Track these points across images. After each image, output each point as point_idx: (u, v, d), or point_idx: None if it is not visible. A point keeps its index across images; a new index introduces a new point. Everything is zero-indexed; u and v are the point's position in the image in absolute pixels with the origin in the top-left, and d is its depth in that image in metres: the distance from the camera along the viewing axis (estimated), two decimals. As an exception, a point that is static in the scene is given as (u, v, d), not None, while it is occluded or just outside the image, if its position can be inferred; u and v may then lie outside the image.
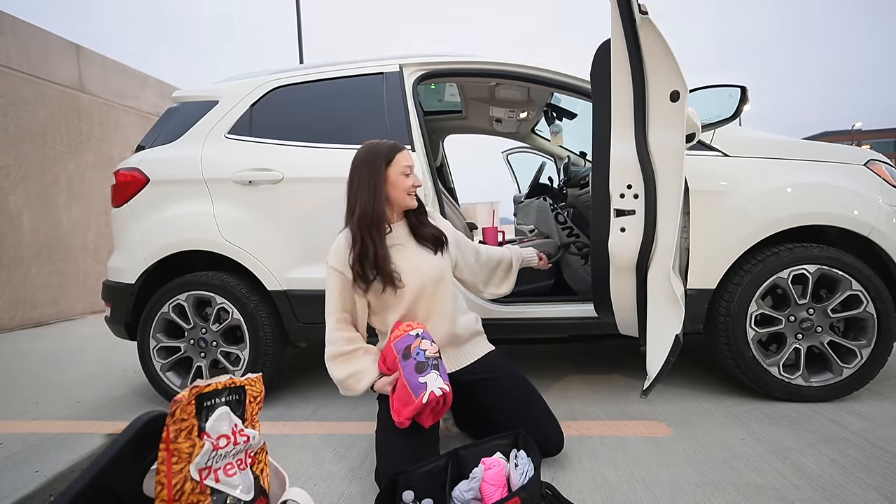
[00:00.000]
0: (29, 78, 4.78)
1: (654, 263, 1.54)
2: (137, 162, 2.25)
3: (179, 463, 0.98)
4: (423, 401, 1.28)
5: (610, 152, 1.55)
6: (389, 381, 1.44)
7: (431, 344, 1.42)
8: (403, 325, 1.50)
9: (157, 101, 6.46)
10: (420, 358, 1.36)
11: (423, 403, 1.29)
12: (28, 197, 4.74)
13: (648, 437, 1.69)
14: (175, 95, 2.42)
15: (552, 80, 2.18)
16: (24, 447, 1.83)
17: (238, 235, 2.11)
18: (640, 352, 1.64)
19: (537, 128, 3.56)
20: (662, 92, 1.46)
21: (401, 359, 1.39)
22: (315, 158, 2.13)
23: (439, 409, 1.36)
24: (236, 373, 2.11)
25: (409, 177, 1.58)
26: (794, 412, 1.84)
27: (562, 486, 1.38)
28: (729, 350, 1.94)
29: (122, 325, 2.24)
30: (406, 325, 1.49)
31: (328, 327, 1.56)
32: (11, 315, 4.55)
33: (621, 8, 1.42)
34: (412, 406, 1.30)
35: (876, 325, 1.86)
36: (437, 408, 1.35)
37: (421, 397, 1.29)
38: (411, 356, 1.38)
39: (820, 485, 1.34)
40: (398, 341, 1.44)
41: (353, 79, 2.24)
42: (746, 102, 1.89)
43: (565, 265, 2.62)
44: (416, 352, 1.38)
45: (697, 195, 1.88)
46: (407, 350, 1.39)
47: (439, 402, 1.33)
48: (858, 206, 1.89)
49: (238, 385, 1.10)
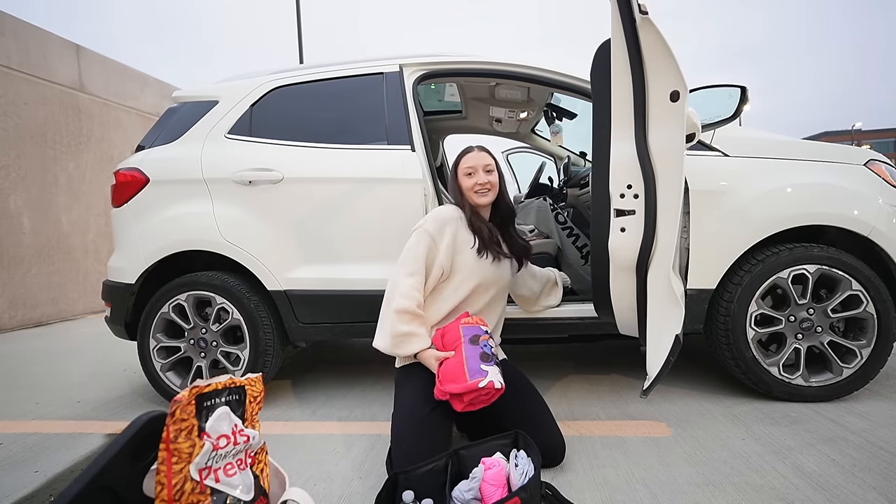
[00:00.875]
0: (29, 78, 4.78)
1: (654, 263, 1.54)
2: (137, 162, 2.25)
3: (179, 463, 0.98)
4: (478, 385, 1.35)
5: (610, 152, 1.54)
6: (438, 357, 1.49)
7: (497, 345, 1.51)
8: (474, 317, 1.59)
9: (157, 101, 6.46)
10: (487, 350, 1.45)
11: (478, 387, 1.36)
12: (28, 197, 4.74)
13: (648, 437, 1.69)
14: (175, 95, 2.42)
15: (552, 80, 2.18)
16: (24, 447, 1.83)
17: (238, 235, 2.11)
18: (640, 352, 1.63)
19: (537, 128, 3.56)
20: (662, 92, 1.46)
21: (466, 342, 1.47)
22: (315, 158, 2.13)
23: (481, 400, 1.41)
24: (236, 373, 2.11)
25: (469, 177, 1.71)
26: (794, 412, 1.84)
27: (562, 486, 1.38)
28: (729, 350, 1.94)
29: (122, 325, 2.24)
30: (477, 318, 1.59)
31: (406, 283, 1.59)
32: (11, 315, 4.55)
33: (621, 8, 1.42)
34: (464, 385, 1.36)
35: (876, 325, 1.86)
36: (482, 398, 1.40)
37: (477, 381, 1.36)
38: (479, 345, 1.46)
39: (820, 485, 1.34)
40: (467, 327, 1.52)
41: (353, 79, 2.24)
42: (746, 102, 1.89)
43: (565, 265, 2.62)
44: (485, 344, 1.47)
45: (697, 195, 1.88)
46: (475, 338, 1.48)
47: (490, 394, 1.39)
48: (858, 206, 1.89)
49: (238, 385, 1.10)
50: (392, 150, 2.10)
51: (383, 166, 2.08)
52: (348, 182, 2.09)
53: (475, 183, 1.69)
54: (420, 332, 1.55)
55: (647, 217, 1.51)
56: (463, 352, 1.45)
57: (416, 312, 1.56)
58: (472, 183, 1.69)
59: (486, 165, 1.71)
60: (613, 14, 1.45)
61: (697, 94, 1.99)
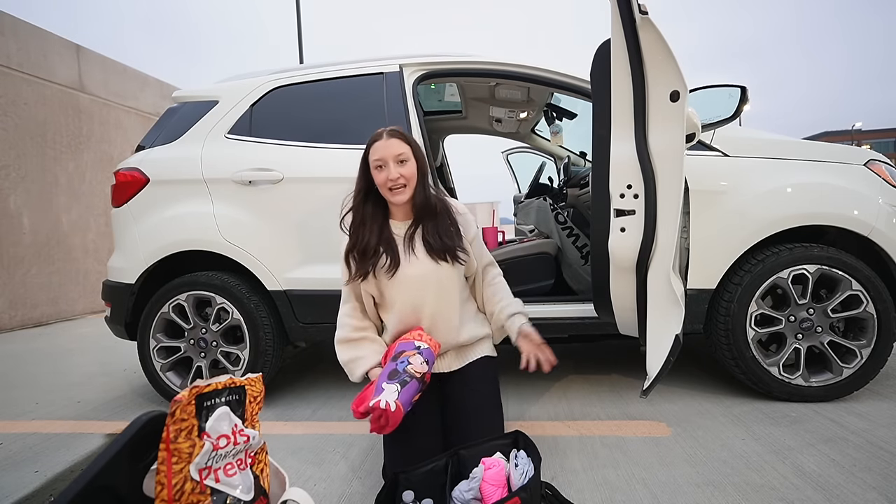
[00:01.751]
0: (29, 78, 4.78)
1: (654, 263, 1.54)
2: (137, 162, 2.25)
3: (179, 463, 0.98)
4: (368, 404, 1.25)
5: (610, 152, 1.54)
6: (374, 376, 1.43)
7: (422, 364, 1.36)
8: (419, 331, 1.48)
9: (157, 101, 6.46)
10: (399, 368, 1.34)
11: (368, 406, 1.24)
12: (28, 197, 4.74)
13: (648, 437, 1.69)
14: (175, 95, 2.42)
15: (552, 80, 2.18)
16: (24, 447, 1.83)
17: (238, 235, 2.11)
18: (640, 352, 1.63)
19: (537, 128, 3.56)
20: (662, 92, 1.46)
21: (390, 359, 1.40)
22: (315, 158, 2.13)
23: (383, 424, 1.25)
24: (236, 373, 2.11)
25: (380, 170, 1.45)
26: (794, 412, 1.84)
27: (562, 486, 1.38)
28: (729, 350, 1.94)
29: (122, 325, 2.24)
30: (419, 333, 1.47)
31: (340, 312, 1.56)
32: (11, 315, 4.55)
33: (621, 8, 1.42)
34: (363, 405, 1.27)
35: (876, 325, 1.86)
36: (381, 421, 1.25)
37: (368, 400, 1.26)
38: (396, 361, 1.36)
39: (820, 485, 1.34)
40: (402, 343, 1.44)
41: (353, 79, 2.24)
42: (746, 102, 1.89)
43: (565, 265, 2.62)
44: (402, 360, 1.36)
45: (697, 195, 1.88)
46: (399, 354, 1.39)
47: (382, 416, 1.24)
48: (858, 206, 1.89)
49: (238, 385, 1.10)
50: (392, 150, 2.10)
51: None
52: (348, 182, 2.05)
53: (387, 178, 1.44)
54: (362, 354, 1.49)
55: (647, 217, 1.51)
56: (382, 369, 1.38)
57: (351, 338, 1.52)
58: (384, 178, 1.44)
59: (398, 155, 1.44)
60: (613, 14, 1.45)
61: (697, 94, 1.99)
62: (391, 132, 1.48)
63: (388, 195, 1.47)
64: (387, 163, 1.44)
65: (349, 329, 1.53)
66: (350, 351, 1.51)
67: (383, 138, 1.46)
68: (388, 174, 1.44)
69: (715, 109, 1.91)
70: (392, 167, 1.44)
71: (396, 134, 1.48)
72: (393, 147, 1.45)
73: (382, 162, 1.44)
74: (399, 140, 1.47)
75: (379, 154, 1.45)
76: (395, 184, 1.44)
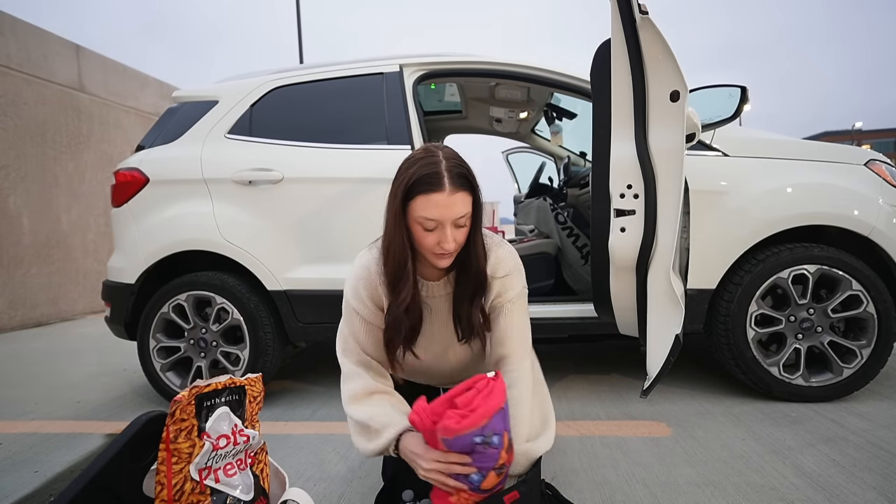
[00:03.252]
0: (29, 78, 4.78)
1: (654, 263, 1.54)
2: (137, 162, 2.25)
3: (179, 463, 0.98)
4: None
5: (610, 152, 1.55)
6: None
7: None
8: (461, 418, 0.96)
9: (157, 101, 6.46)
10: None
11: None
12: (28, 197, 4.73)
13: (648, 437, 1.69)
14: (175, 95, 2.42)
15: (552, 80, 2.18)
16: (24, 447, 1.83)
17: (238, 235, 2.11)
18: (640, 352, 1.63)
19: (537, 128, 3.56)
20: (662, 92, 1.46)
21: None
22: (315, 158, 2.13)
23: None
24: (236, 373, 2.11)
25: (429, 233, 1.05)
26: (794, 412, 1.84)
27: (562, 486, 1.37)
28: (729, 350, 1.94)
29: (122, 325, 2.24)
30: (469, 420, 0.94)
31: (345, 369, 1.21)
32: (11, 315, 4.55)
33: (621, 8, 1.42)
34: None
35: (876, 325, 1.86)
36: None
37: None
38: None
39: (820, 485, 1.34)
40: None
41: (353, 79, 2.24)
42: (746, 102, 1.89)
43: (565, 265, 2.63)
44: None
45: (697, 195, 1.88)
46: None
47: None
48: (859, 206, 1.89)
49: (238, 385, 1.10)
50: (392, 150, 2.10)
51: (383, 166, 2.07)
52: (348, 182, 2.08)
53: (436, 243, 1.06)
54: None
55: (647, 217, 1.51)
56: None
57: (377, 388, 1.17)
58: (433, 242, 1.06)
59: (461, 218, 1.04)
60: (613, 14, 1.45)
61: (697, 94, 1.99)
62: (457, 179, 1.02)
63: (430, 258, 1.10)
64: (443, 225, 1.04)
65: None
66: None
67: (446, 190, 1.01)
68: (440, 239, 1.05)
69: (715, 109, 1.91)
70: (448, 232, 1.04)
71: (464, 183, 1.04)
72: (457, 207, 1.02)
73: (438, 223, 1.04)
74: (465, 193, 1.04)
75: (436, 213, 1.02)
76: (445, 251, 1.07)
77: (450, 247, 1.05)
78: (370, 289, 1.16)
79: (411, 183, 1.03)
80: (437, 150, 1.06)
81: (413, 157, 1.08)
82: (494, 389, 0.96)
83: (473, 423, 0.92)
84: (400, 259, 1.09)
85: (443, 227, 1.04)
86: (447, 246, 1.05)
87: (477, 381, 0.99)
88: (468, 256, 1.14)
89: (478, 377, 1.00)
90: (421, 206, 1.03)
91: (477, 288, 1.16)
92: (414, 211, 1.04)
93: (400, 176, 1.06)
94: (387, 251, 1.11)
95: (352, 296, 1.18)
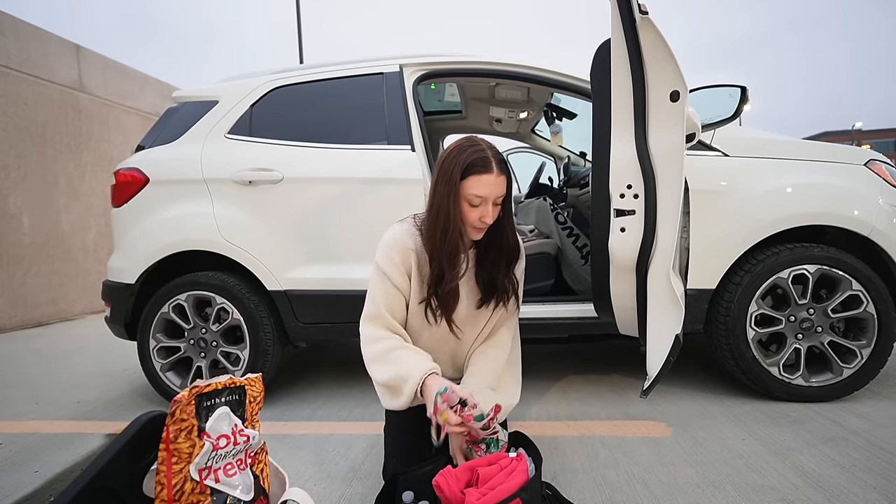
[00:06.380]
0: (29, 78, 4.78)
1: (654, 263, 1.54)
2: (137, 162, 2.25)
3: (179, 463, 0.98)
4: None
5: (610, 152, 1.54)
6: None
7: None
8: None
9: (157, 101, 6.46)
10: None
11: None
12: (28, 197, 4.73)
13: (648, 437, 1.69)
14: (175, 95, 2.42)
15: (552, 80, 2.18)
16: (24, 447, 1.83)
17: (238, 235, 2.11)
18: (640, 352, 1.63)
19: (537, 128, 3.56)
20: (662, 92, 1.46)
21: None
22: (315, 158, 2.13)
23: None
24: (236, 373, 2.11)
25: (475, 209, 1.24)
26: (794, 412, 1.84)
27: (562, 486, 1.38)
28: (729, 350, 1.94)
29: (122, 325, 2.24)
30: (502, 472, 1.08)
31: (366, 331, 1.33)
32: (11, 315, 4.55)
33: (621, 8, 1.42)
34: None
35: (876, 325, 1.86)
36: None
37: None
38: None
39: (820, 485, 1.34)
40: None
41: (353, 79, 2.24)
42: (746, 102, 1.89)
43: (565, 265, 2.63)
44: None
45: (697, 195, 1.88)
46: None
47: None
48: (859, 206, 1.89)
49: (238, 385, 1.10)
50: (392, 150, 2.10)
51: (383, 166, 2.08)
52: (348, 182, 2.08)
53: (479, 218, 1.25)
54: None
55: (647, 217, 1.51)
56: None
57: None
58: (477, 217, 1.25)
59: (499, 197, 1.25)
60: (613, 14, 1.45)
61: (697, 94, 1.99)
62: (500, 164, 1.24)
63: (469, 231, 1.28)
64: (487, 202, 1.23)
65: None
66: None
67: (494, 172, 1.22)
68: (482, 214, 1.24)
69: (715, 109, 1.91)
70: (490, 208, 1.24)
71: (504, 168, 1.25)
72: (500, 187, 1.24)
73: (483, 200, 1.23)
74: (505, 177, 1.25)
75: (485, 191, 1.22)
76: (485, 225, 1.26)
77: (489, 221, 1.25)
78: (403, 255, 1.28)
79: (466, 165, 1.21)
80: (480, 140, 1.27)
81: (462, 145, 1.25)
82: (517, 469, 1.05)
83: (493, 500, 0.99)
84: (453, 233, 1.24)
85: (486, 204, 1.23)
86: (487, 220, 1.24)
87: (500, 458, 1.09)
88: (501, 231, 1.33)
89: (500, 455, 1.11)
90: (473, 184, 1.21)
91: (511, 258, 1.36)
92: (465, 189, 1.22)
93: (451, 160, 1.23)
94: (439, 226, 1.24)
95: (384, 261, 1.29)
